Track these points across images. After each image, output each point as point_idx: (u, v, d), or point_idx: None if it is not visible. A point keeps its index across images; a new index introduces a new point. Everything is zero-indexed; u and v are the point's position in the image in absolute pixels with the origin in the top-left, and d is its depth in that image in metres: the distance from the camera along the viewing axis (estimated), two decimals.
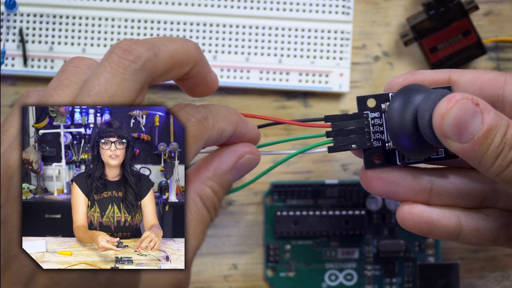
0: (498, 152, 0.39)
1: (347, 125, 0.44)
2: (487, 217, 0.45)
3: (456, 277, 0.57)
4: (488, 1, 0.60)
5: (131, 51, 0.37)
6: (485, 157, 0.40)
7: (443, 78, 0.44)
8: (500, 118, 0.40)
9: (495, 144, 0.39)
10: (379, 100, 0.44)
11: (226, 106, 0.41)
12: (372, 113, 0.44)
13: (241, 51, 0.58)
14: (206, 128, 0.39)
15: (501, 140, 0.39)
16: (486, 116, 0.39)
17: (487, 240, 0.45)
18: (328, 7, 0.58)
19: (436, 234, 0.45)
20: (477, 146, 0.39)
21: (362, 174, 0.45)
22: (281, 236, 0.58)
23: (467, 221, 0.45)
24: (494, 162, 0.40)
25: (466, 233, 0.45)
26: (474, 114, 0.39)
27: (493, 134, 0.39)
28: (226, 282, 0.59)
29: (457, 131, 0.39)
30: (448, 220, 0.44)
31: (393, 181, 0.44)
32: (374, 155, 0.44)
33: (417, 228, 0.45)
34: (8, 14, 0.58)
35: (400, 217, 0.45)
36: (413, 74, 0.45)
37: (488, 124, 0.39)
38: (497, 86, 0.44)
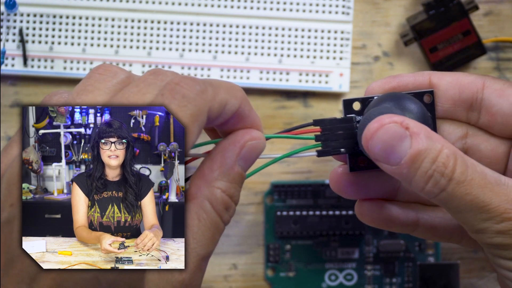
0: (427, 178, 0.39)
1: (336, 129, 0.44)
2: (444, 215, 0.46)
3: (456, 277, 0.57)
4: (488, 1, 0.60)
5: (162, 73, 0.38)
6: (414, 181, 0.39)
7: (424, 81, 0.44)
8: (432, 143, 0.39)
9: (423, 170, 0.39)
10: (363, 103, 0.44)
11: (230, 82, 0.40)
12: (358, 116, 0.44)
13: (241, 51, 0.58)
14: (206, 100, 0.38)
15: (431, 165, 0.39)
16: (416, 139, 0.39)
17: (441, 237, 0.46)
18: (328, 7, 0.58)
19: (393, 228, 0.46)
20: (405, 169, 0.39)
21: (333, 176, 0.45)
22: (281, 236, 0.58)
23: (423, 218, 0.46)
24: (424, 187, 0.39)
25: (421, 229, 0.46)
26: (402, 138, 0.39)
27: (421, 159, 0.39)
28: (226, 282, 0.59)
29: (384, 153, 0.39)
30: (406, 217, 0.46)
31: (365, 184, 0.45)
32: (358, 158, 0.44)
33: (375, 224, 0.46)
34: (8, 14, 0.58)
35: (359, 213, 0.46)
36: (394, 78, 0.45)
37: (416, 149, 0.39)
38: (476, 89, 0.44)
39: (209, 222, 0.39)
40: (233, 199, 0.40)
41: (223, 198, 0.40)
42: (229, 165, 0.40)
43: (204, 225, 0.39)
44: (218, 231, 0.40)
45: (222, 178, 0.40)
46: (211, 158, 0.40)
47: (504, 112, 0.44)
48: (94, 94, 0.38)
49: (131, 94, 0.38)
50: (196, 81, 0.38)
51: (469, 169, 0.39)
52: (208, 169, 0.40)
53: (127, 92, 0.38)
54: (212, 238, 0.39)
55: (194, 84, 0.38)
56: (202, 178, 0.40)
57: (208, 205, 0.39)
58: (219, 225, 0.40)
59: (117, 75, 0.39)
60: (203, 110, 0.38)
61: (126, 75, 0.39)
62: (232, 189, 0.40)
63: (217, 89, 0.39)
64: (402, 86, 0.44)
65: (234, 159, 0.40)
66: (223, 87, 0.39)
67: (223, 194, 0.40)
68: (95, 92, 0.38)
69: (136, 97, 0.37)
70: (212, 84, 0.39)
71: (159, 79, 0.38)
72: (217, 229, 0.40)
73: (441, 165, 0.39)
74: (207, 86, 0.38)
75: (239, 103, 0.40)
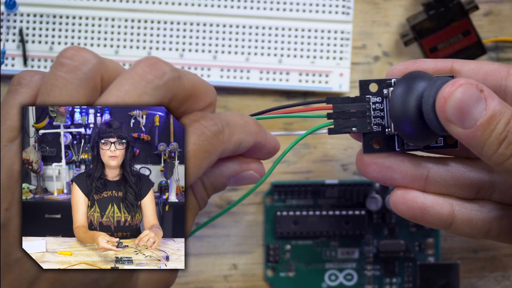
0: (501, 140, 0.39)
1: (349, 108, 0.43)
2: (481, 208, 0.45)
3: (456, 277, 0.57)
4: (488, 1, 0.60)
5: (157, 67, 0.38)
6: (488, 144, 0.39)
7: (446, 67, 0.44)
8: (504, 106, 0.39)
9: (498, 131, 0.39)
10: (381, 85, 0.44)
11: (244, 116, 0.41)
12: (374, 97, 0.44)
13: (241, 51, 0.58)
14: (222, 141, 0.39)
15: (504, 127, 0.39)
16: (490, 102, 0.39)
17: (478, 232, 0.45)
18: (328, 7, 0.58)
19: (429, 220, 0.44)
20: (480, 132, 0.39)
21: (358, 157, 0.44)
22: (281, 236, 0.58)
23: (460, 210, 0.44)
24: (496, 150, 0.39)
25: (458, 223, 0.44)
26: (478, 100, 0.39)
27: (496, 121, 0.39)
28: (226, 282, 0.59)
29: (460, 115, 0.39)
30: (441, 208, 0.44)
31: (389, 166, 0.44)
32: (373, 139, 0.44)
33: (410, 214, 0.44)
34: (8, 14, 0.58)
35: (394, 202, 0.44)
36: (415, 62, 0.44)
37: (492, 110, 0.39)
38: (500, 77, 0.44)
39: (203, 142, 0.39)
40: (207, 197, 0.41)
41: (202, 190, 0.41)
42: (222, 173, 0.41)
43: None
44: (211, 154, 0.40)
45: (208, 176, 0.41)
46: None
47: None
48: (67, 89, 0.37)
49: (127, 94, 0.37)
50: (214, 119, 0.39)
51: None
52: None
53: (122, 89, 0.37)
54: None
55: (212, 124, 0.39)
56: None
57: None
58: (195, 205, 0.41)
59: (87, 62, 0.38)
60: (217, 150, 0.38)
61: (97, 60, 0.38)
62: (209, 190, 0.41)
63: (233, 130, 0.39)
64: (422, 69, 0.44)
65: (230, 173, 0.42)
66: (238, 126, 0.40)
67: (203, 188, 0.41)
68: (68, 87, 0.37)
69: (132, 98, 0.37)
70: (229, 124, 0.39)
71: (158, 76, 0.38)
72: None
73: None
74: (224, 127, 0.39)
75: (254, 140, 0.41)
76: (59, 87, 0.37)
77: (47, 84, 0.37)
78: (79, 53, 0.38)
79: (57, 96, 0.37)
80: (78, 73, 0.37)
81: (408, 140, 0.43)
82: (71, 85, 0.37)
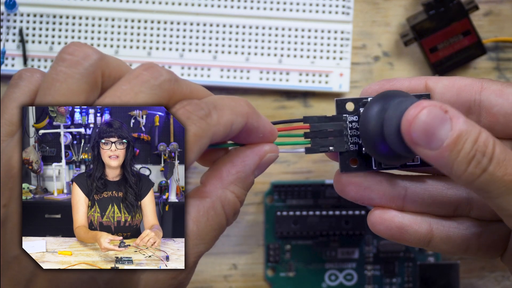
0: (470, 159, 0.39)
1: (326, 127, 0.43)
2: (459, 225, 0.45)
3: (456, 277, 0.57)
4: (488, 1, 0.60)
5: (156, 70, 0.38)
6: (456, 164, 0.39)
7: (420, 85, 0.44)
8: (471, 125, 0.39)
9: (465, 151, 0.39)
10: (357, 104, 0.44)
11: (234, 97, 0.41)
12: (351, 116, 0.44)
13: (241, 51, 0.58)
14: (210, 124, 0.38)
15: (472, 146, 0.39)
16: (456, 122, 0.39)
17: (457, 249, 0.45)
18: (328, 7, 0.58)
19: (407, 239, 0.45)
20: (447, 152, 0.39)
21: (336, 178, 0.44)
22: (281, 236, 0.58)
23: (438, 228, 0.45)
24: (466, 169, 0.39)
25: (437, 240, 0.45)
26: (443, 121, 0.39)
27: (463, 141, 0.39)
28: (226, 282, 0.59)
29: (426, 137, 0.39)
30: (419, 226, 0.44)
31: (367, 186, 0.44)
32: (350, 158, 0.44)
33: (388, 233, 0.44)
34: (8, 14, 0.58)
35: (372, 222, 0.44)
36: (389, 81, 0.45)
37: (458, 130, 0.39)
38: (474, 91, 0.44)
39: (216, 223, 0.40)
40: (241, 205, 0.41)
41: (235, 202, 0.41)
42: (247, 172, 0.41)
43: (211, 225, 0.40)
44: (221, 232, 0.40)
45: (238, 184, 0.41)
46: (232, 162, 0.41)
47: (506, 112, 0.43)
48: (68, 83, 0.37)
49: (123, 92, 0.38)
50: (200, 105, 0.39)
51: (507, 150, 0.39)
52: (226, 171, 0.41)
53: (118, 89, 0.38)
54: (215, 238, 0.40)
55: (198, 109, 0.38)
56: (219, 179, 0.40)
57: (220, 206, 0.40)
58: (223, 227, 0.41)
59: (88, 57, 0.38)
60: (207, 134, 0.38)
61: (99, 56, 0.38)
62: (243, 196, 0.41)
63: (220, 112, 0.39)
64: (396, 88, 0.44)
65: (253, 167, 0.41)
66: (227, 107, 0.39)
67: (236, 199, 0.41)
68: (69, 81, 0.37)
69: (128, 97, 0.37)
70: (216, 107, 0.39)
71: (154, 77, 0.38)
72: (221, 230, 0.40)
73: (482, 145, 0.39)
74: (211, 110, 0.39)
75: (245, 120, 0.40)
76: (59, 81, 0.37)
77: (48, 79, 0.37)
78: (81, 48, 0.38)
79: (58, 90, 0.37)
80: (79, 68, 0.37)
81: (381, 160, 0.43)
82: (71, 79, 0.37)
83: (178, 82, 0.39)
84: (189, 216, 0.39)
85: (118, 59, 0.39)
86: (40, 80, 0.39)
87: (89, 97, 0.37)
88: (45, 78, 0.38)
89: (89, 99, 0.37)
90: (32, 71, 0.40)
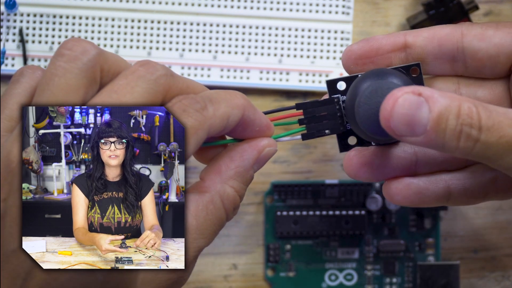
0: (457, 134, 0.38)
1: (319, 111, 0.43)
2: (474, 174, 0.44)
3: (456, 277, 0.57)
4: (488, 1, 0.60)
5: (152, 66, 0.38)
6: (446, 142, 0.38)
7: (399, 41, 0.43)
8: (449, 99, 0.38)
9: (451, 127, 0.38)
10: (349, 83, 0.43)
11: (230, 91, 0.41)
12: (343, 96, 0.43)
13: (241, 51, 0.58)
14: (206, 117, 0.38)
15: (456, 121, 0.38)
16: (432, 102, 0.38)
17: (476, 198, 0.44)
18: (328, 7, 0.58)
19: (427, 202, 0.44)
20: (433, 134, 0.38)
21: (346, 162, 0.44)
22: (281, 236, 0.58)
23: (454, 183, 0.44)
24: (457, 145, 0.38)
25: (455, 195, 0.44)
26: (419, 105, 0.38)
27: (445, 118, 0.38)
28: (226, 282, 0.59)
29: (408, 127, 0.38)
30: (436, 186, 0.44)
31: (379, 164, 0.43)
32: (348, 137, 0.44)
33: (408, 201, 0.44)
34: (8, 14, 0.58)
35: (389, 194, 0.44)
36: (368, 41, 0.44)
37: (437, 110, 0.38)
38: (455, 40, 0.43)
39: (216, 217, 0.40)
40: (240, 200, 0.41)
41: (235, 197, 0.40)
42: (246, 167, 0.41)
43: (211, 219, 0.40)
44: (220, 227, 0.40)
45: (237, 178, 0.41)
46: (230, 157, 0.41)
47: (491, 54, 0.43)
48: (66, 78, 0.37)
49: (120, 87, 0.38)
50: (196, 98, 0.39)
51: (493, 113, 0.38)
52: (225, 166, 0.41)
53: (115, 84, 0.38)
54: (214, 233, 0.40)
55: (194, 102, 0.38)
56: (218, 174, 0.40)
57: (219, 201, 0.40)
58: (223, 222, 0.40)
59: (86, 52, 0.38)
60: (203, 127, 0.38)
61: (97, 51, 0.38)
62: (243, 191, 0.41)
63: (216, 105, 0.39)
64: (376, 48, 0.43)
65: (252, 162, 0.41)
66: (222, 100, 0.39)
67: (235, 193, 0.40)
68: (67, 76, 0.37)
69: (124, 91, 0.37)
70: (212, 100, 0.39)
71: (150, 72, 0.38)
72: (220, 225, 0.40)
73: (466, 117, 0.38)
74: (207, 103, 0.39)
75: (241, 113, 0.40)
76: (58, 76, 0.37)
77: (47, 74, 0.37)
78: (79, 43, 0.38)
79: (56, 85, 0.37)
80: (78, 62, 0.37)
81: (372, 141, 0.43)
82: (70, 74, 0.37)
83: (173, 77, 0.39)
84: (188, 211, 0.39)
85: (116, 55, 0.39)
86: (40, 77, 0.39)
87: (88, 92, 0.38)
88: (44, 73, 0.38)
89: (87, 94, 0.38)
90: (33, 68, 0.40)
